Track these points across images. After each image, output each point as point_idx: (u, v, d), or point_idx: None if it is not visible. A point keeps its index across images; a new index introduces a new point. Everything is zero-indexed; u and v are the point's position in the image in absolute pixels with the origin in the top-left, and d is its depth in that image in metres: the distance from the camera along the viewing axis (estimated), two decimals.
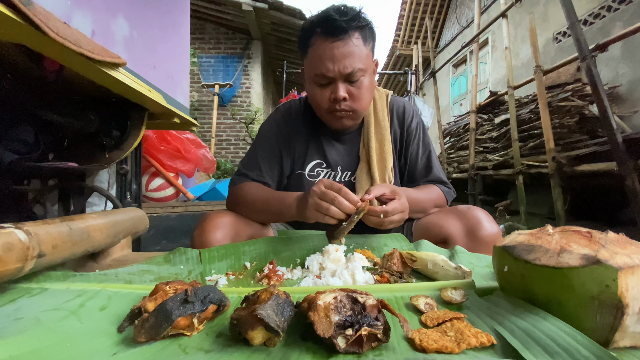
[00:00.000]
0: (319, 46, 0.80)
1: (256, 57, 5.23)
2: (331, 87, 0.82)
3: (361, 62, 0.80)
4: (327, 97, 0.83)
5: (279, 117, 0.99)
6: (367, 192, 0.69)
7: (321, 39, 0.79)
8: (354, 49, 0.79)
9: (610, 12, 3.40)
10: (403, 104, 1.01)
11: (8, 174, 1.07)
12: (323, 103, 0.84)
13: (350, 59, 0.78)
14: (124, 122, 1.16)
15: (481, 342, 0.35)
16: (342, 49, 0.78)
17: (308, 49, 0.83)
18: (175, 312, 0.38)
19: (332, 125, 0.90)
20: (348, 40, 0.78)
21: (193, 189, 2.27)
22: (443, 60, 6.63)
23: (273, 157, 0.94)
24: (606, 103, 1.91)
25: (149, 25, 1.36)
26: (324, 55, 0.79)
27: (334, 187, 0.66)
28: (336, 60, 0.78)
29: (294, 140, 0.96)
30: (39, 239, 0.49)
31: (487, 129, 3.95)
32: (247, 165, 0.94)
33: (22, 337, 0.37)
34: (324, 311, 0.36)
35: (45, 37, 0.64)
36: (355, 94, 0.83)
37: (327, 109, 0.85)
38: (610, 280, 0.33)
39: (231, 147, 5.20)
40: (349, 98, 0.82)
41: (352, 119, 0.88)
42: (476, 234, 0.78)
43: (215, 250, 0.70)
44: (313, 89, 0.85)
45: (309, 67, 0.84)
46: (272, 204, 0.81)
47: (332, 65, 0.78)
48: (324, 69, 0.79)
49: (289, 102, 1.03)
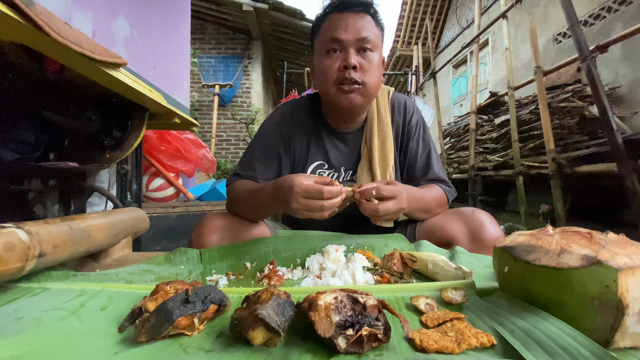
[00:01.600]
0: (334, 17, 0.84)
1: (256, 58, 5.23)
2: (342, 55, 0.83)
3: (373, 35, 0.83)
4: (337, 66, 0.83)
5: (279, 118, 0.98)
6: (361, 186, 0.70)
7: (337, 13, 0.84)
8: (367, 23, 0.83)
9: (610, 13, 3.40)
10: (404, 100, 1.01)
11: (9, 173, 1.07)
12: (332, 72, 0.84)
13: (364, 28, 0.82)
14: (125, 122, 1.16)
15: (481, 343, 0.35)
16: (356, 19, 0.82)
17: (322, 25, 0.86)
18: (176, 312, 0.38)
19: (341, 101, 0.86)
20: (362, 15, 0.83)
21: (193, 189, 2.27)
22: (443, 60, 6.64)
23: (270, 158, 0.94)
24: (606, 104, 1.91)
25: (150, 25, 1.36)
26: (339, 24, 0.82)
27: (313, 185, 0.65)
28: (349, 27, 0.82)
29: (294, 141, 0.96)
30: (40, 239, 0.49)
31: (487, 130, 3.95)
32: (242, 166, 0.94)
33: (23, 337, 0.37)
34: (324, 311, 0.36)
35: (46, 37, 0.64)
36: (365, 66, 0.83)
37: (337, 79, 0.84)
38: (610, 280, 0.33)
39: (231, 147, 5.20)
40: (359, 68, 0.83)
41: (361, 94, 0.85)
42: (480, 237, 0.78)
43: (215, 251, 0.70)
44: (323, 60, 0.85)
45: (321, 40, 0.86)
46: (256, 196, 0.80)
47: (346, 31, 0.81)
48: (337, 34, 0.82)
49: (289, 102, 1.02)
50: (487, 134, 3.94)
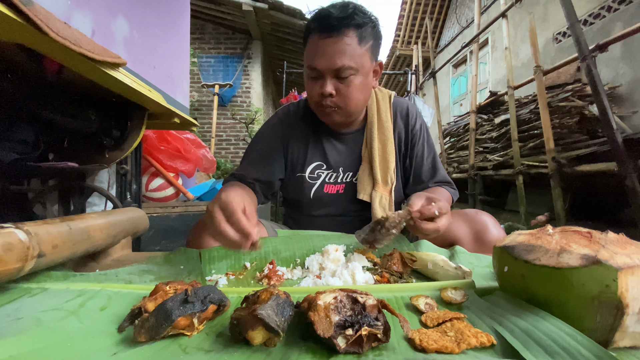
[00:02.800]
0: (314, 41, 0.81)
1: (256, 57, 5.23)
2: (320, 82, 0.83)
3: (352, 61, 0.79)
4: (316, 91, 0.84)
5: (276, 121, 0.99)
6: (410, 206, 0.65)
7: (316, 34, 0.81)
8: (344, 47, 0.78)
9: (610, 13, 3.40)
10: (407, 105, 1.01)
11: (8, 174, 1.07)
12: (313, 96, 0.86)
13: (340, 56, 0.78)
14: (124, 122, 1.16)
15: (481, 342, 0.35)
16: (332, 46, 0.78)
17: (307, 43, 0.85)
18: (176, 312, 0.38)
19: (322, 119, 0.91)
20: (340, 38, 0.78)
21: (193, 189, 2.27)
22: (443, 60, 6.64)
23: (264, 159, 0.95)
24: (606, 103, 1.91)
25: (149, 25, 1.36)
26: (316, 50, 0.80)
27: (228, 207, 0.55)
28: (326, 55, 0.79)
29: (292, 142, 0.96)
30: (39, 239, 0.49)
31: (487, 129, 3.95)
32: (239, 167, 0.96)
33: (22, 337, 0.37)
34: (324, 311, 0.36)
35: (45, 37, 0.64)
36: (343, 92, 0.82)
37: (316, 102, 0.86)
38: (610, 280, 0.33)
39: (231, 147, 5.20)
40: (336, 94, 0.83)
41: (340, 115, 0.87)
42: (484, 238, 0.78)
43: (215, 251, 0.70)
44: (307, 81, 0.87)
45: (305, 60, 0.86)
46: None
47: (322, 60, 0.79)
48: (314, 62, 0.81)
49: (287, 105, 1.03)
50: (487, 133, 3.94)
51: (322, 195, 0.96)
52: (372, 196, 0.92)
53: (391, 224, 0.64)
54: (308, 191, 0.95)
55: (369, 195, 0.92)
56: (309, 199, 0.95)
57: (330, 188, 0.96)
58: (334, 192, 0.96)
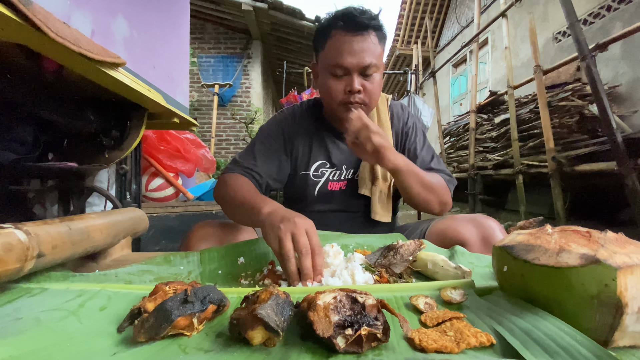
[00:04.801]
0: (339, 39, 0.83)
1: (256, 57, 5.23)
2: (346, 79, 0.85)
3: (375, 59, 0.84)
4: (341, 88, 0.86)
5: (281, 118, 1.02)
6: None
7: (341, 32, 0.83)
8: (371, 45, 0.83)
9: (610, 12, 3.40)
10: (400, 106, 1.07)
11: (7, 174, 1.07)
12: (337, 94, 0.87)
13: (368, 53, 0.83)
14: (124, 122, 1.16)
15: (481, 342, 0.35)
16: (361, 43, 0.82)
17: (327, 41, 0.86)
18: (175, 312, 0.38)
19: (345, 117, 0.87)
20: (367, 36, 0.83)
21: (193, 189, 2.27)
22: (443, 60, 6.63)
23: (271, 152, 0.95)
24: (606, 103, 1.91)
25: (149, 25, 1.36)
26: (344, 48, 0.83)
27: (315, 247, 0.57)
28: (355, 53, 0.82)
29: (297, 142, 0.99)
30: (39, 239, 0.49)
31: (487, 129, 3.95)
32: (242, 156, 0.95)
33: (22, 337, 0.37)
34: (323, 311, 0.36)
35: (44, 37, 0.64)
36: (368, 88, 0.86)
37: (341, 100, 0.87)
38: (609, 279, 0.33)
39: (231, 147, 5.20)
40: (362, 91, 0.85)
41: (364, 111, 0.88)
42: (491, 241, 0.80)
43: (215, 251, 0.70)
44: (327, 80, 0.87)
45: (326, 59, 0.87)
46: (242, 210, 0.77)
47: (351, 57, 0.82)
48: (342, 60, 0.83)
49: (291, 106, 1.06)
50: (486, 133, 3.94)
51: (326, 192, 0.99)
52: (372, 191, 0.97)
53: (406, 251, 0.64)
54: (312, 189, 0.98)
55: (369, 190, 0.97)
56: (313, 196, 0.99)
57: (334, 185, 0.99)
58: (337, 189, 0.99)
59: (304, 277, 0.55)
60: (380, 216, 0.96)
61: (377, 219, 0.96)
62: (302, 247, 0.55)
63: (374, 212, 0.96)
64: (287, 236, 0.56)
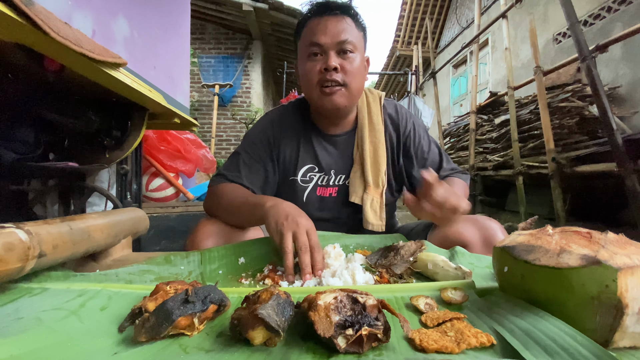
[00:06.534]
0: (313, 22, 0.86)
1: (256, 57, 5.23)
2: (323, 58, 0.84)
3: (353, 37, 0.84)
4: (318, 68, 0.84)
5: (266, 124, 0.97)
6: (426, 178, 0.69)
7: (316, 18, 0.85)
8: (346, 26, 0.84)
9: (610, 13, 3.40)
10: (395, 107, 1.01)
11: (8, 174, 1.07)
12: (314, 75, 0.84)
13: (343, 32, 0.83)
14: (125, 122, 1.16)
15: (481, 342, 0.35)
16: (335, 23, 0.84)
17: (303, 30, 0.88)
18: (176, 312, 0.38)
19: (324, 104, 0.86)
20: (341, 17, 0.84)
21: (193, 189, 2.27)
22: (443, 60, 6.64)
23: (255, 162, 0.92)
24: (606, 104, 1.91)
25: (150, 25, 1.36)
26: (318, 28, 0.84)
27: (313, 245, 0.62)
28: (329, 30, 0.83)
29: (283, 146, 0.95)
30: (40, 239, 0.49)
31: (487, 130, 3.95)
32: (227, 167, 0.92)
33: (22, 337, 0.37)
34: (324, 311, 0.36)
35: (46, 37, 0.64)
36: (346, 67, 0.84)
37: (318, 81, 0.84)
38: (609, 280, 0.33)
39: (231, 147, 5.20)
40: (340, 69, 0.83)
41: (344, 95, 0.85)
42: (493, 243, 0.79)
43: (215, 251, 0.70)
44: (305, 64, 0.86)
45: (303, 44, 0.87)
46: (243, 210, 0.78)
47: (325, 34, 0.83)
48: (316, 38, 0.83)
49: (278, 107, 1.02)
50: (487, 133, 3.94)
51: (315, 198, 0.95)
52: (363, 199, 0.91)
53: (406, 251, 0.64)
54: (301, 194, 0.94)
55: (361, 198, 0.92)
56: (302, 203, 0.94)
57: (323, 191, 0.95)
58: (327, 196, 0.95)
59: (302, 272, 0.59)
60: (373, 226, 0.90)
61: (369, 228, 0.90)
62: (301, 245, 0.60)
63: (366, 222, 0.90)
64: (288, 233, 0.62)
